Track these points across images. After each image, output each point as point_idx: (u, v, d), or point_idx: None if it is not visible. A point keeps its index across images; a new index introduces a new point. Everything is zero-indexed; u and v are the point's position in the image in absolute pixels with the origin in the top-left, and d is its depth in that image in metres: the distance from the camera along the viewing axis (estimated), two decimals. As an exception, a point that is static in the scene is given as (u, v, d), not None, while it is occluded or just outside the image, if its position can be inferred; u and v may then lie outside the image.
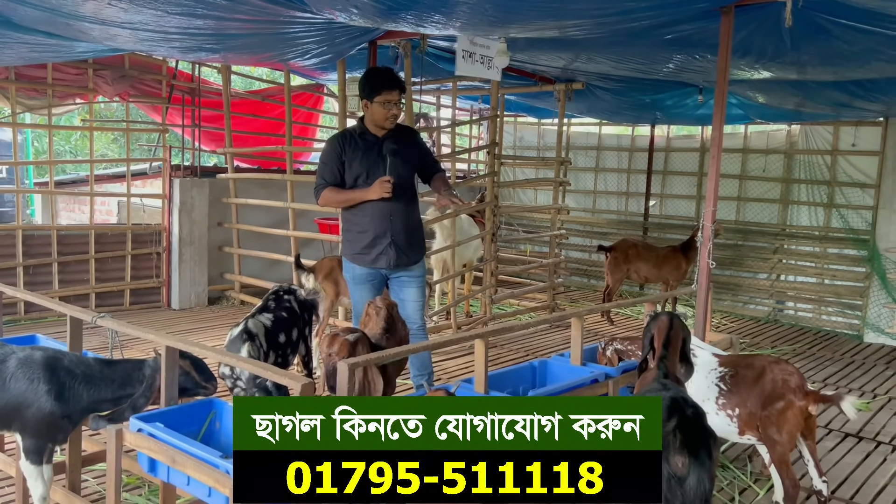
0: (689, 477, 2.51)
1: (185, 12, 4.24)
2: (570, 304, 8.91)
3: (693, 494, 2.52)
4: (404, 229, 4.32)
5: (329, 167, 4.31)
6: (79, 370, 3.03)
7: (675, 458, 2.51)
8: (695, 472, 2.51)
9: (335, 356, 3.21)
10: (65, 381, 2.98)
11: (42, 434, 2.99)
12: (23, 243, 7.07)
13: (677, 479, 2.51)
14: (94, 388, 3.03)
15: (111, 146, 15.00)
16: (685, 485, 2.51)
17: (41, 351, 3.08)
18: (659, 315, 3.28)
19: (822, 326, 8.42)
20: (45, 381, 2.95)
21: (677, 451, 2.51)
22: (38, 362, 2.99)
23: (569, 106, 8.05)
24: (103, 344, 4.39)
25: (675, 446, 2.51)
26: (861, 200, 8.31)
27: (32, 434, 2.98)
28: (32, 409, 2.94)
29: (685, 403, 2.66)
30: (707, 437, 2.63)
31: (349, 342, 3.28)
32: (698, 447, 2.54)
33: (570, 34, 4.72)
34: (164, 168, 7.85)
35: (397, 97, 4.20)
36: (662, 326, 3.18)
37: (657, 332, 3.19)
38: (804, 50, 4.77)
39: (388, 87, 4.17)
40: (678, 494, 2.52)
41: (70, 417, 3.02)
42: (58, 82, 7.28)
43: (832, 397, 3.35)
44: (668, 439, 2.51)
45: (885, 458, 4.63)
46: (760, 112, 8.05)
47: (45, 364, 2.99)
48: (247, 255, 8.17)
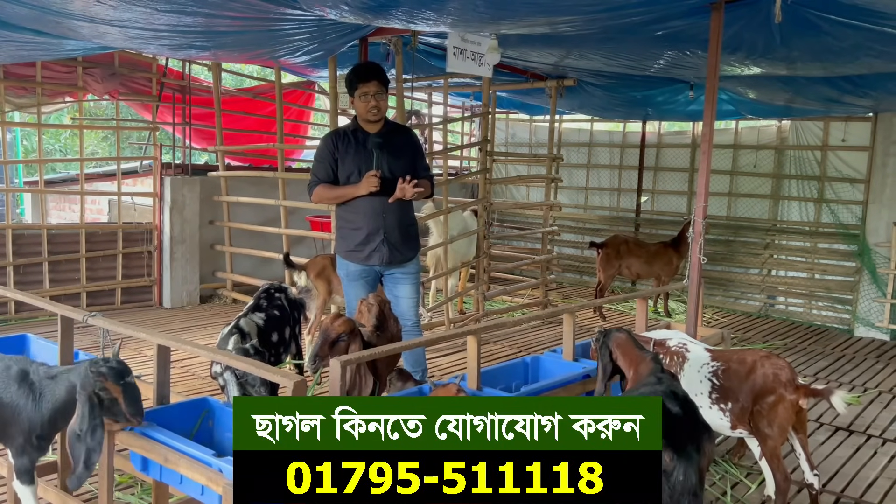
0: (675, 471, 2.52)
1: (175, 9, 4.23)
2: (563, 301, 8.93)
3: (681, 488, 2.53)
4: (398, 226, 4.32)
5: (322, 164, 4.32)
6: (37, 379, 2.83)
7: (664, 453, 2.48)
8: (681, 466, 2.53)
9: (335, 329, 3.34)
10: (32, 393, 2.81)
11: (23, 451, 2.83)
12: (13, 242, 7.03)
13: (664, 473, 2.51)
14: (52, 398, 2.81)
15: (101, 144, 14.93)
16: (671, 479, 2.52)
17: (16, 363, 2.89)
18: (609, 332, 3.36)
19: (813, 321, 8.47)
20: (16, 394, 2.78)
21: (664, 446, 2.48)
22: (13, 375, 2.82)
23: (560, 102, 8.05)
24: (95, 343, 4.38)
25: (672, 443, 2.51)
26: (851, 195, 8.36)
27: (15, 452, 2.85)
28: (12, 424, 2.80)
29: (675, 398, 2.69)
30: (697, 431, 2.66)
31: (352, 322, 3.39)
32: (685, 442, 2.56)
33: (561, 31, 4.72)
34: (155, 166, 7.82)
35: (374, 88, 4.18)
36: (622, 340, 3.28)
37: (617, 346, 3.28)
38: (794, 46, 4.78)
39: (362, 79, 4.18)
40: (665, 489, 2.52)
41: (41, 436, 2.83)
42: (47, 80, 7.24)
43: (822, 391, 3.37)
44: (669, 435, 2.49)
45: (876, 451, 4.67)
46: (751, 108, 8.08)
47: (17, 377, 2.82)
48: (238, 254, 8.15)
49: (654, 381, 2.94)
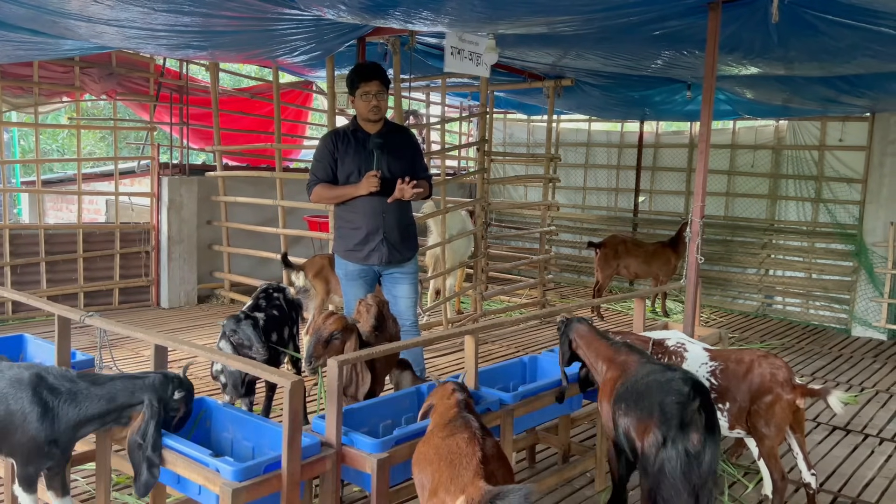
0: (704, 453, 2.67)
1: (172, 9, 4.22)
2: (561, 301, 8.93)
3: (707, 469, 2.69)
4: (397, 226, 4.33)
5: (321, 164, 4.31)
6: (63, 388, 2.75)
7: (694, 434, 2.66)
8: (709, 449, 2.68)
9: (327, 328, 3.33)
10: (48, 401, 2.71)
11: (29, 460, 2.76)
12: (10, 242, 7.02)
13: (694, 455, 2.67)
14: (80, 407, 2.75)
15: (99, 144, 14.91)
16: (701, 460, 2.67)
17: (28, 370, 2.81)
18: (570, 322, 3.48)
19: (811, 321, 8.47)
20: (29, 402, 2.70)
21: (699, 429, 2.67)
22: (25, 382, 2.73)
23: (558, 102, 8.06)
24: (92, 343, 4.36)
25: (698, 424, 2.67)
26: (848, 195, 8.37)
27: (21, 461, 2.78)
28: (18, 433, 2.71)
29: (695, 382, 2.83)
30: (716, 416, 2.83)
31: (345, 318, 3.39)
32: (713, 425, 2.74)
33: (558, 30, 4.73)
34: (153, 166, 7.81)
35: (376, 88, 4.18)
36: (584, 331, 3.41)
37: (579, 336, 3.40)
38: (791, 45, 4.79)
39: (364, 78, 4.18)
40: (694, 470, 2.67)
41: (56, 442, 2.74)
42: (44, 80, 7.23)
43: (819, 391, 3.38)
44: (693, 417, 2.67)
45: (873, 450, 4.67)
46: (748, 108, 8.09)
47: (30, 384, 2.73)
48: (236, 254, 8.15)
49: (663, 368, 2.98)
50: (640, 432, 2.81)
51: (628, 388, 2.98)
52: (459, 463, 2.27)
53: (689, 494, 2.68)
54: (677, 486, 2.67)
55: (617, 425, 2.99)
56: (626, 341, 3.38)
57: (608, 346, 3.31)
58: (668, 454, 2.68)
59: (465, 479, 2.19)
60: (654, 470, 2.73)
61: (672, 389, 2.77)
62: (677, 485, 2.67)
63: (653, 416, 2.76)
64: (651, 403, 2.80)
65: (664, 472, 2.70)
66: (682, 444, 2.66)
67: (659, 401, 2.77)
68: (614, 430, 3.05)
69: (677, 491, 2.67)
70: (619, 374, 3.12)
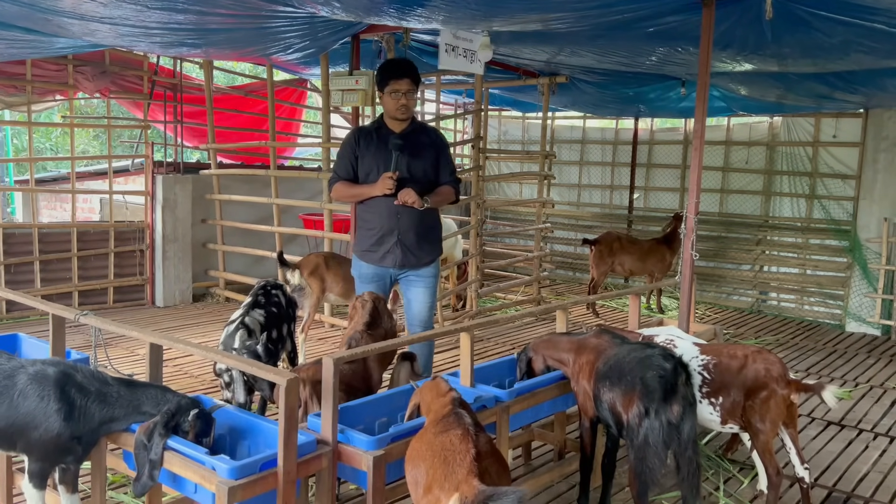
0: (683, 423, 2.94)
1: (166, 7, 4.21)
2: (556, 298, 8.94)
3: (687, 437, 2.97)
4: (413, 228, 4.17)
5: (343, 161, 4.23)
6: (92, 387, 2.77)
7: (675, 406, 2.93)
8: (688, 419, 2.96)
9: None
10: (75, 399, 2.72)
11: (47, 457, 2.77)
12: (4, 241, 6.99)
13: (674, 425, 2.94)
14: (107, 408, 2.77)
15: (92, 143, 14.86)
16: (681, 430, 2.95)
17: (53, 366, 2.81)
18: (526, 348, 3.77)
19: (805, 316, 8.51)
20: (55, 399, 2.70)
21: (679, 400, 2.94)
22: (51, 379, 2.74)
23: (553, 99, 8.06)
24: (87, 342, 4.36)
25: (679, 396, 2.94)
26: (842, 191, 8.40)
27: (37, 456, 2.77)
28: (40, 430, 2.71)
29: (672, 357, 3.10)
30: (692, 386, 3.13)
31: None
32: (692, 398, 3.05)
33: (553, 27, 4.73)
34: (147, 165, 7.79)
35: (406, 86, 4.05)
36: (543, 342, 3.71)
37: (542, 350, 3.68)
38: (785, 42, 4.80)
39: (395, 76, 4.06)
40: (675, 438, 2.95)
41: (80, 439, 2.75)
42: (37, 78, 7.20)
43: (813, 386, 3.39)
44: (680, 389, 2.96)
45: (867, 445, 4.69)
46: (743, 104, 8.10)
47: (56, 381, 2.73)
48: (231, 252, 8.13)
49: (642, 346, 3.26)
50: (626, 405, 3.07)
51: (611, 366, 3.23)
52: (453, 460, 2.26)
53: (672, 461, 3.00)
54: (660, 454, 2.95)
55: (601, 401, 3.23)
56: (594, 327, 3.66)
57: (571, 338, 3.59)
58: (652, 424, 2.95)
59: (458, 477, 2.19)
60: (638, 440, 2.99)
61: (653, 364, 3.04)
62: (660, 453, 2.94)
63: (636, 390, 3.02)
64: (634, 378, 3.06)
65: (648, 441, 2.96)
66: (664, 414, 2.93)
67: (641, 375, 3.03)
68: (597, 407, 3.29)
69: (661, 459, 2.95)
70: (596, 356, 3.36)
